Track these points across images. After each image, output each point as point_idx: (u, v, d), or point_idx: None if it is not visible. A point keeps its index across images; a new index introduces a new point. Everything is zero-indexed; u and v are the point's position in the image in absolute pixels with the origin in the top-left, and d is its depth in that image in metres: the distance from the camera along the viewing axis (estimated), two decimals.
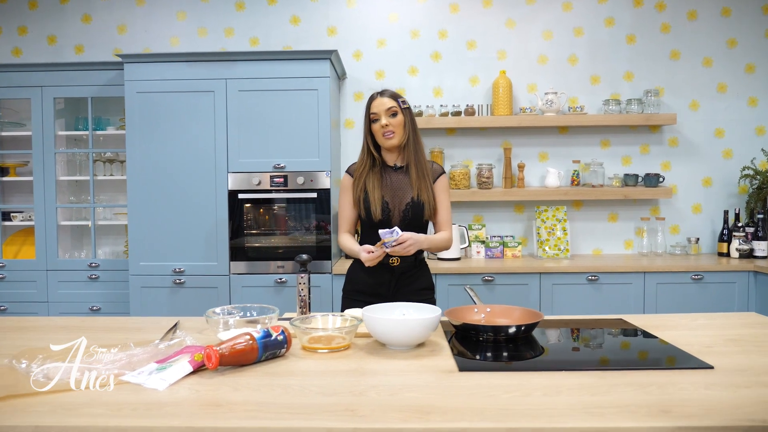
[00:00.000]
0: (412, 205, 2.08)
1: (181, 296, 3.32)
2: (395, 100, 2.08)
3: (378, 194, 2.10)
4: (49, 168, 3.52)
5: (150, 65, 3.28)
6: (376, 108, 2.07)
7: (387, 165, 2.16)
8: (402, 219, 2.09)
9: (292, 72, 3.25)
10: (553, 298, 3.26)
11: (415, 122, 2.14)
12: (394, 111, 2.06)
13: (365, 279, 2.13)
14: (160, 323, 1.88)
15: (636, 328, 1.78)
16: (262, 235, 3.37)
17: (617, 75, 3.76)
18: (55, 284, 3.54)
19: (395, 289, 2.10)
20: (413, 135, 2.11)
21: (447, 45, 3.78)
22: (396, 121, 2.06)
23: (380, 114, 2.06)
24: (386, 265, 2.08)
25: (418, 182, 2.08)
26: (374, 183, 2.11)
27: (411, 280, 2.13)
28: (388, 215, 2.10)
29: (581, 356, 1.58)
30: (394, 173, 2.14)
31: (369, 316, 1.50)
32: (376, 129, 2.08)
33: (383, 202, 2.10)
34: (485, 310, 1.81)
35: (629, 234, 3.80)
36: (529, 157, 3.77)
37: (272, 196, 3.31)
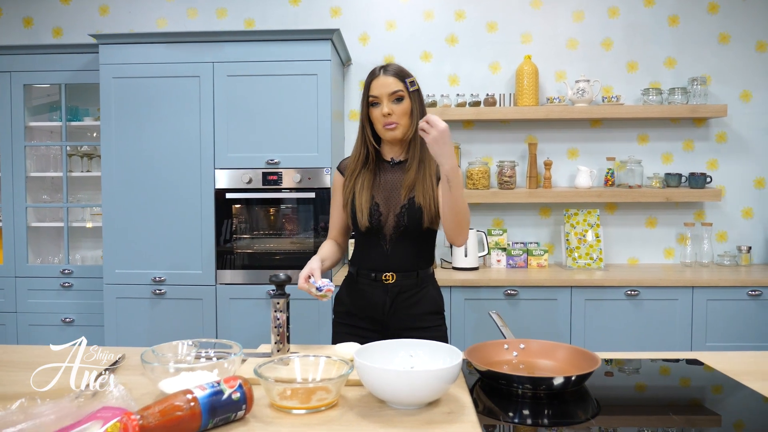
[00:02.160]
0: (407, 209, 1.67)
1: (161, 309, 2.93)
2: (402, 80, 1.66)
3: (366, 196, 1.69)
4: (18, 163, 3.15)
5: (128, 47, 2.89)
6: (377, 89, 1.66)
7: (383, 159, 1.75)
8: (396, 226, 1.68)
9: (288, 54, 2.85)
10: (586, 317, 2.82)
11: (424, 109, 1.72)
12: (400, 95, 1.65)
13: (354, 299, 1.73)
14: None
15: (720, 373, 1.35)
16: (253, 241, 2.97)
17: (658, 61, 3.31)
18: (24, 293, 3.17)
19: (391, 312, 1.70)
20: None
21: (464, 27, 3.36)
22: (401, 108, 1.65)
23: (382, 98, 1.65)
24: (379, 281, 1.68)
25: (415, 180, 1.66)
26: (364, 182, 1.70)
27: (412, 302, 1.71)
28: (379, 222, 1.69)
29: (652, 416, 1.16)
30: (390, 170, 1.74)
31: (363, 365, 1.09)
32: (375, 116, 1.67)
33: (372, 206, 1.69)
34: (518, 347, 1.39)
35: (670, 241, 3.35)
36: (556, 153, 3.33)
37: (265, 196, 2.91)
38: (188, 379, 1.15)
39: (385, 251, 1.70)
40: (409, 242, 1.69)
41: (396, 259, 1.69)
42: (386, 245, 1.70)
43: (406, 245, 1.69)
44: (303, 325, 2.81)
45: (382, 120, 1.65)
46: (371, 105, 1.68)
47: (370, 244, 1.73)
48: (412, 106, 1.67)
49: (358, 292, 1.73)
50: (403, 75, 1.67)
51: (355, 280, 1.75)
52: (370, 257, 1.72)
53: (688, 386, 1.34)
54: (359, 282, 1.74)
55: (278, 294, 1.38)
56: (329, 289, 1.50)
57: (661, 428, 1.08)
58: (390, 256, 1.69)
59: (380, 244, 1.70)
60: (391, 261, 1.69)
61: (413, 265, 1.70)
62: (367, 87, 1.68)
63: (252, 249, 2.95)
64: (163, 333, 2.92)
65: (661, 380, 1.39)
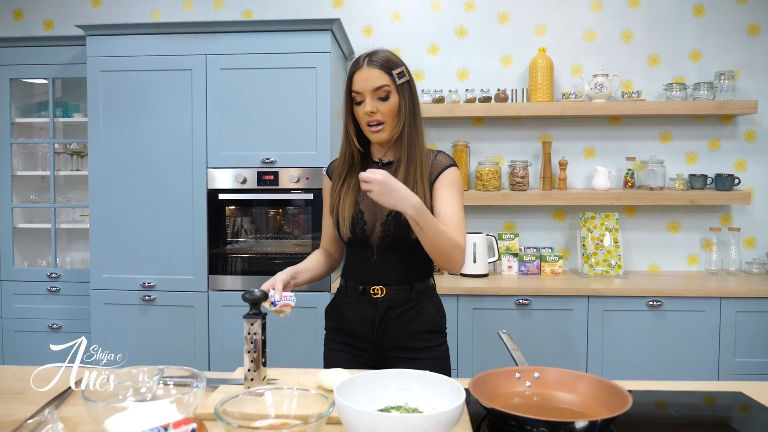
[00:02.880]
0: (393, 218, 1.47)
1: (150, 316, 2.77)
2: (389, 72, 1.43)
3: (350, 203, 1.51)
4: (4, 161, 3.00)
5: (116, 39, 2.73)
6: (359, 83, 1.44)
7: (371, 160, 1.56)
8: (383, 236, 1.48)
9: (285, 46, 2.67)
10: (605, 329, 2.61)
11: (416, 102, 1.50)
12: (386, 92, 1.44)
13: (344, 314, 1.56)
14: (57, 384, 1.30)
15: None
16: (248, 244, 2.80)
17: (681, 54, 3.09)
18: (9, 297, 3.02)
19: (381, 329, 1.50)
20: (411, 121, 1.48)
21: (474, 19, 3.16)
22: (387, 106, 1.44)
23: (365, 94, 1.44)
24: (367, 295, 1.49)
25: (405, 181, 1.44)
26: (349, 187, 1.52)
27: (405, 319, 1.51)
28: (364, 232, 1.50)
29: None
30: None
31: (344, 406, 0.91)
32: (359, 114, 1.47)
33: (356, 214, 1.50)
34: (532, 376, 1.20)
35: (694, 247, 3.13)
36: (572, 152, 3.12)
37: (260, 197, 2.73)
38: (141, 416, 0.97)
39: (373, 263, 1.51)
40: (400, 253, 1.49)
41: (385, 271, 1.50)
42: (374, 256, 1.51)
43: (396, 256, 1.50)
44: (297, 337, 2.64)
45: (366, 119, 1.46)
46: (355, 102, 1.48)
47: (357, 255, 1.55)
48: (401, 102, 1.46)
49: (347, 306, 1.55)
50: (390, 66, 1.45)
51: (345, 294, 1.57)
52: (357, 269, 1.55)
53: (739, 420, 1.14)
54: (348, 296, 1.56)
55: (252, 314, 1.19)
56: (287, 305, 1.31)
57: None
58: (378, 267, 1.50)
59: (367, 255, 1.52)
60: (380, 273, 1.50)
61: (405, 277, 1.51)
62: (349, 80, 1.48)
63: (246, 253, 2.78)
64: (152, 342, 2.76)
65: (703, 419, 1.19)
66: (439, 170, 1.52)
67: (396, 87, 1.45)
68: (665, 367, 2.58)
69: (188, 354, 2.74)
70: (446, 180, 1.51)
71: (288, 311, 1.31)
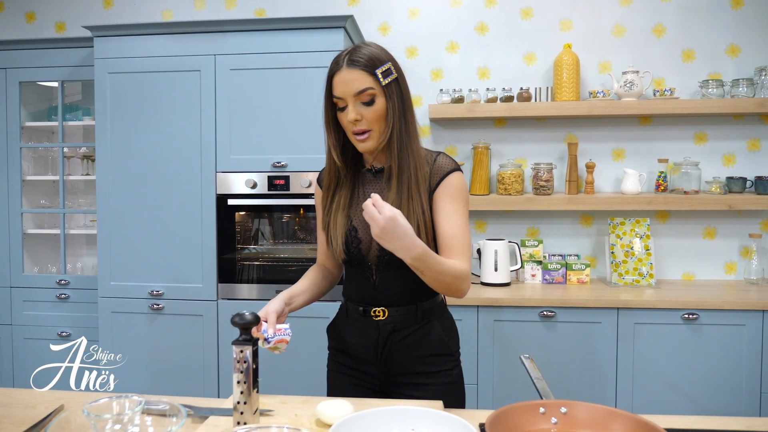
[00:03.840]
0: None
1: (159, 325, 2.68)
2: (371, 73, 1.26)
3: (341, 220, 1.37)
4: (13, 166, 2.95)
5: (124, 39, 2.65)
6: (339, 88, 1.28)
7: (362, 166, 1.42)
8: (380, 254, 1.33)
9: (296, 45, 2.56)
10: (636, 344, 2.44)
11: (406, 103, 1.32)
12: (371, 95, 1.26)
13: (345, 336, 1.42)
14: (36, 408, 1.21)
15: None
16: (259, 251, 2.70)
17: (718, 49, 2.90)
18: (19, 304, 2.96)
19: (385, 354, 1.36)
20: (402, 125, 1.30)
21: (495, 14, 3.01)
22: (373, 112, 1.27)
23: (346, 99, 1.27)
24: (368, 317, 1.35)
25: (398, 203, 1.28)
26: (340, 201, 1.38)
27: (410, 342, 1.36)
28: (359, 250, 1.35)
29: None
30: (371, 180, 1.40)
31: None
32: (344, 122, 1.31)
33: (348, 232, 1.36)
34: (558, 411, 1.06)
35: (732, 255, 2.93)
36: (600, 154, 2.95)
37: (270, 202, 2.62)
38: None
39: (372, 283, 1.37)
40: (400, 272, 1.30)
41: (386, 291, 1.36)
42: (372, 276, 1.37)
43: (396, 275, 1.34)
44: (304, 348, 2.50)
45: (351, 127, 1.30)
46: (337, 108, 1.32)
47: (355, 274, 1.41)
48: (388, 105, 1.28)
49: (349, 328, 1.42)
50: (374, 64, 1.26)
51: (345, 314, 1.45)
52: (356, 289, 1.41)
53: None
54: (349, 316, 1.43)
55: (242, 340, 1.06)
56: (281, 340, 1.17)
57: None
58: (378, 288, 1.36)
59: (366, 275, 1.38)
60: (381, 294, 1.36)
61: (409, 297, 1.36)
62: (328, 83, 1.31)
63: (257, 260, 2.68)
64: (161, 352, 2.67)
65: None
66: (440, 177, 1.35)
67: (381, 88, 1.27)
68: (703, 387, 2.40)
69: (197, 364, 2.65)
70: (449, 189, 1.33)
71: (283, 347, 1.18)
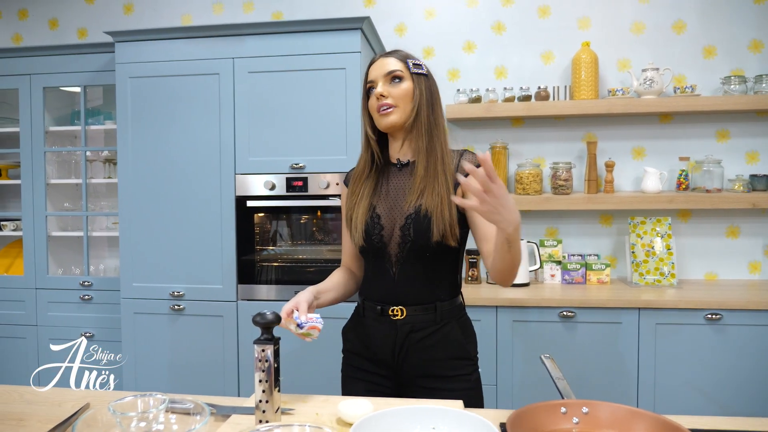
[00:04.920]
0: (414, 220, 1.33)
1: (180, 325, 2.71)
2: (404, 61, 1.39)
3: (364, 207, 1.38)
4: (38, 169, 3.00)
5: (144, 44, 2.69)
6: (373, 73, 1.40)
7: (389, 162, 1.44)
8: (402, 242, 1.35)
9: (313, 47, 2.57)
10: (657, 345, 2.41)
11: (435, 95, 1.41)
12: (398, 75, 1.37)
13: (361, 337, 1.42)
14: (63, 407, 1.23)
15: None
16: (277, 253, 2.72)
17: (740, 45, 2.85)
18: (44, 305, 3.02)
19: (402, 355, 1.36)
20: (428, 112, 1.38)
21: (512, 13, 3.00)
22: (399, 90, 1.36)
23: (377, 81, 1.37)
24: (386, 317, 1.36)
25: (423, 183, 1.34)
26: (364, 192, 1.40)
27: (428, 344, 1.37)
28: (381, 238, 1.37)
29: None
30: (396, 173, 1.43)
31: None
32: (371, 104, 1.39)
33: (372, 218, 1.38)
34: (580, 411, 1.05)
35: (756, 254, 2.88)
36: (620, 153, 2.92)
37: (289, 204, 2.64)
38: None
39: (392, 277, 1.37)
40: (421, 265, 1.35)
41: (406, 287, 1.37)
42: (393, 269, 1.38)
43: (418, 269, 1.36)
44: (316, 357, 2.52)
45: (376, 104, 1.37)
46: (369, 94, 1.41)
47: (375, 269, 1.41)
48: (414, 88, 1.37)
49: (365, 328, 1.42)
50: (407, 56, 1.41)
51: (362, 314, 1.45)
52: (375, 286, 1.42)
53: None
54: (365, 317, 1.43)
55: (264, 339, 1.07)
56: (314, 327, 1.19)
57: None
58: (398, 283, 1.37)
59: (386, 268, 1.39)
60: (400, 290, 1.37)
61: (429, 295, 1.37)
62: (365, 74, 1.42)
63: (276, 262, 2.69)
64: (182, 352, 2.70)
65: None
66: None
67: (410, 74, 1.38)
68: (726, 388, 2.36)
69: (218, 364, 2.67)
70: None
71: (315, 334, 1.20)
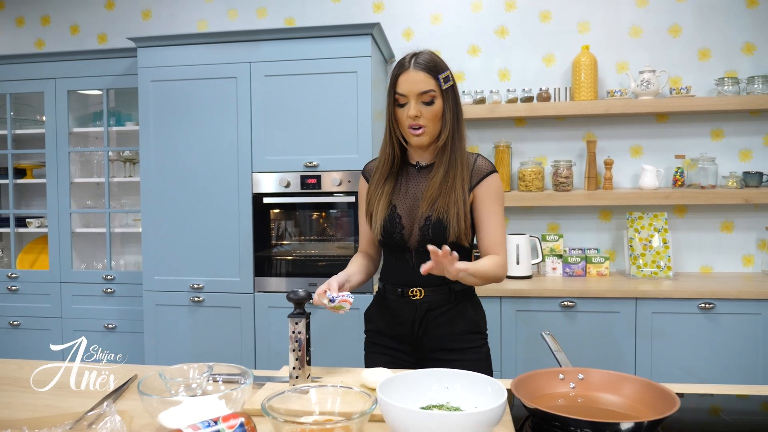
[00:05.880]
0: (433, 223, 1.47)
1: (199, 316, 2.85)
2: (434, 76, 1.42)
3: (383, 205, 1.51)
4: (63, 169, 3.15)
5: (165, 49, 2.84)
6: (404, 86, 1.43)
7: (408, 163, 1.57)
8: (421, 240, 1.48)
9: (326, 52, 2.71)
10: (653, 332, 2.54)
11: (459, 107, 1.50)
12: (432, 96, 1.43)
13: (383, 317, 1.56)
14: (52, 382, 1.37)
15: None
16: (292, 247, 2.86)
17: (734, 47, 2.98)
18: (69, 298, 3.17)
19: (421, 331, 1.51)
20: (455, 127, 1.47)
21: (515, 18, 3.13)
22: (431, 111, 1.44)
23: (409, 97, 1.43)
24: (406, 297, 1.50)
25: (441, 188, 1.46)
26: (384, 191, 1.52)
27: (444, 320, 1.51)
28: (402, 236, 1.50)
29: None
30: (416, 175, 1.55)
31: (387, 404, 0.92)
32: (401, 117, 1.47)
33: (393, 217, 1.51)
34: (576, 377, 1.18)
35: (749, 247, 3.01)
36: (618, 151, 3.05)
37: (303, 200, 2.78)
38: (192, 410, 1.01)
39: (412, 265, 1.51)
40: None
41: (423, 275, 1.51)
42: (412, 259, 1.52)
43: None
44: (339, 340, 2.67)
45: (408, 122, 1.45)
46: (398, 105, 1.47)
47: (395, 258, 1.55)
48: (445, 107, 1.45)
49: (387, 309, 1.56)
50: (437, 69, 1.44)
51: (384, 297, 1.59)
52: (396, 272, 1.55)
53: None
54: (387, 299, 1.57)
55: (297, 313, 1.22)
56: (345, 300, 1.33)
57: None
58: (416, 270, 1.51)
59: (405, 258, 1.53)
60: (418, 275, 1.50)
61: (444, 278, 1.50)
62: (393, 81, 1.46)
63: (291, 255, 2.83)
64: (202, 341, 2.84)
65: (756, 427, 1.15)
66: (480, 176, 1.51)
67: (441, 92, 1.44)
68: (719, 373, 2.49)
69: (235, 354, 2.81)
70: (489, 190, 1.50)
71: (347, 307, 1.34)
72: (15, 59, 3.16)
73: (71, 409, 1.15)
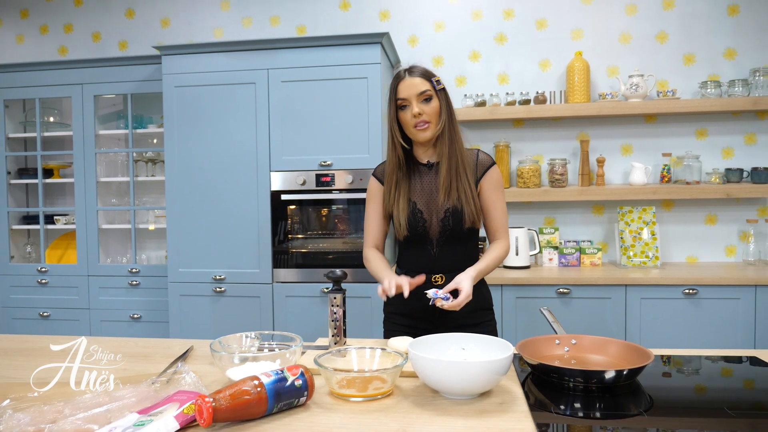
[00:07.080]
0: (452, 214, 1.69)
1: (221, 305, 3.07)
2: (428, 80, 1.69)
3: (403, 203, 1.71)
4: (89, 169, 3.36)
5: (188, 57, 3.05)
6: (404, 92, 1.68)
7: (418, 162, 1.78)
8: (441, 230, 1.71)
9: (339, 59, 2.92)
10: (642, 316, 2.77)
11: (451, 106, 1.75)
12: (428, 95, 1.67)
13: (406, 301, 1.76)
14: (172, 348, 1.58)
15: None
16: (307, 240, 3.07)
17: (716, 53, 3.21)
18: (96, 290, 3.38)
19: (441, 312, 1.70)
20: (449, 123, 1.71)
21: (513, 25, 3.35)
22: (431, 108, 1.68)
23: (410, 99, 1.67)
24: (429, 283, 1.71)
25: (448, 182, 1.69)
26: (401, 189, 1.73)
27: None
28: (424, 228, 1.71)
29: (709, 416, 1.15)
30: (428, 172, 1.76)
31: (417, 356, 1.14)
32: (405, 119, 1.70)
33: (415, 212, 1.72)
34: (570, 342, 1.41)
35: (731, 239, 3.24)
36: (609, 150, 3.28)
37: (318, 197, 3.00)
38: (253, 369, 1.23)
39: (433, 255, 1.72)
40: (455, 243, 1.72)
41: (444, 261, 1.72)
42: (433, 249, 1.72)
43: (453, 246, 1.72)
44: (355, 323, 2.89)
45: (413, 121, 1.67)
46: (399, 108, 1.70)
47: (416, 248, 1.74)
48: (440, 104, 1.70)
49: (412, 294, 1.75)
50: (430, 75, 1.70)
51: None
52: (418, 261, 1.74)
53: (751, 388, 1.32)
54: None
55: (335, 290, 1.45)
56: (439, 298, 1.51)
57: (718, 429, 1.08)
58: (438, 258, 1.72)
59: (427, 248, 1.73)
60: (440, 263, 1.72)
61: (462, 264, 1.71)
62: (393, 90, 1.70)
63: (306, 249, 3.05)
64: (223, 328, 3.05)
65: (719, 380, 1.37)
66: (484, 169, 1.74)
67: (436, 92, 1.69)
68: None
69: None
70: (492, 181, 1.74)
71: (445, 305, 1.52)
72: (43, 66, 3.37)
73: (144, 371, 1.36)
